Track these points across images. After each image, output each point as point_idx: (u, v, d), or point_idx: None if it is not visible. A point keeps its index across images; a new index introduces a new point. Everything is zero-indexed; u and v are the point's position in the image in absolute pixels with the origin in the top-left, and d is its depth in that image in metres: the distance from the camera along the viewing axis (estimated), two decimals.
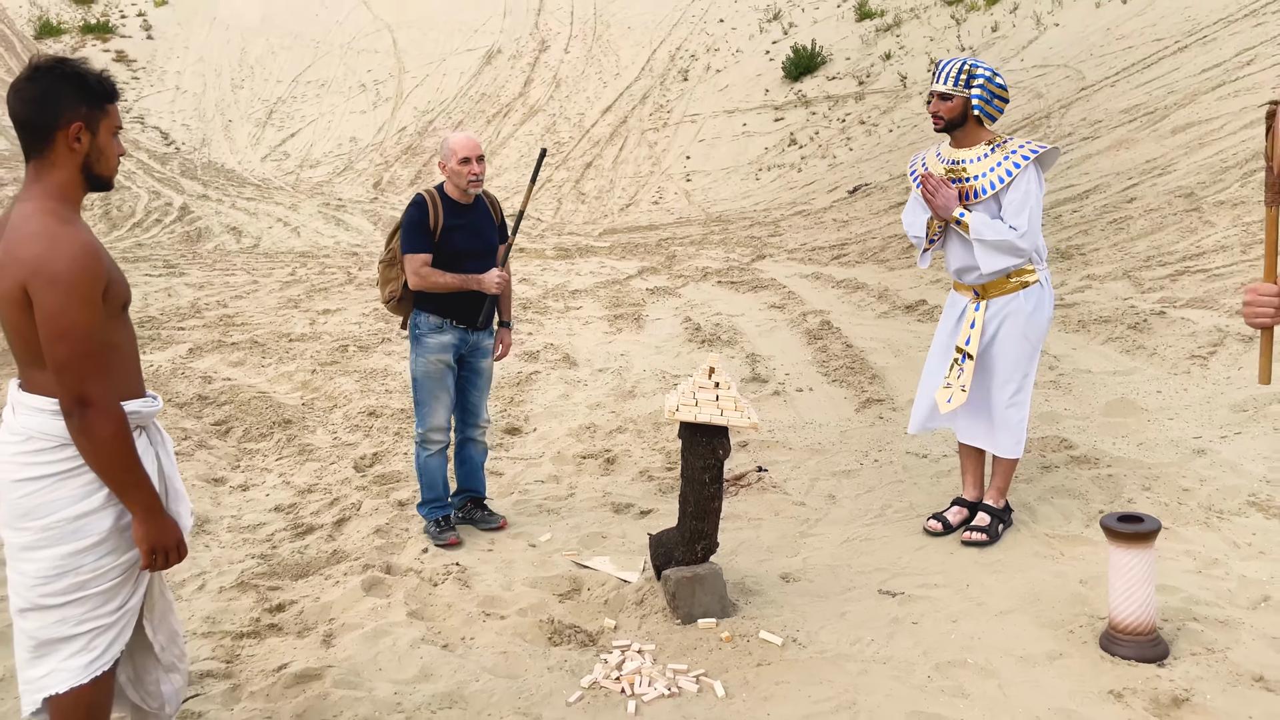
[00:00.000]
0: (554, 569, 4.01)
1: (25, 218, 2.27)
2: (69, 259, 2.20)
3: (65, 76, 2.32)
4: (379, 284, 4.43)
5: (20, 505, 2.31)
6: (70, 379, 2.20)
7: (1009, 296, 3.88)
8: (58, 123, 2.29)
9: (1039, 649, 3.23)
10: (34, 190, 2.31)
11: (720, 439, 3.49)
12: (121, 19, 30.02)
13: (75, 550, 2.31)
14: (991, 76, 3.94)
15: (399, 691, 3.13)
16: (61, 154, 2.31)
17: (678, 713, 2.98)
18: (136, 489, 2.31)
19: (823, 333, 7.36)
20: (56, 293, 2.18)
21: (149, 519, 2.33)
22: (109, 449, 2.25)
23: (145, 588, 2.49)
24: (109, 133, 2.38)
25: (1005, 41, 22.04)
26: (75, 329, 2.20)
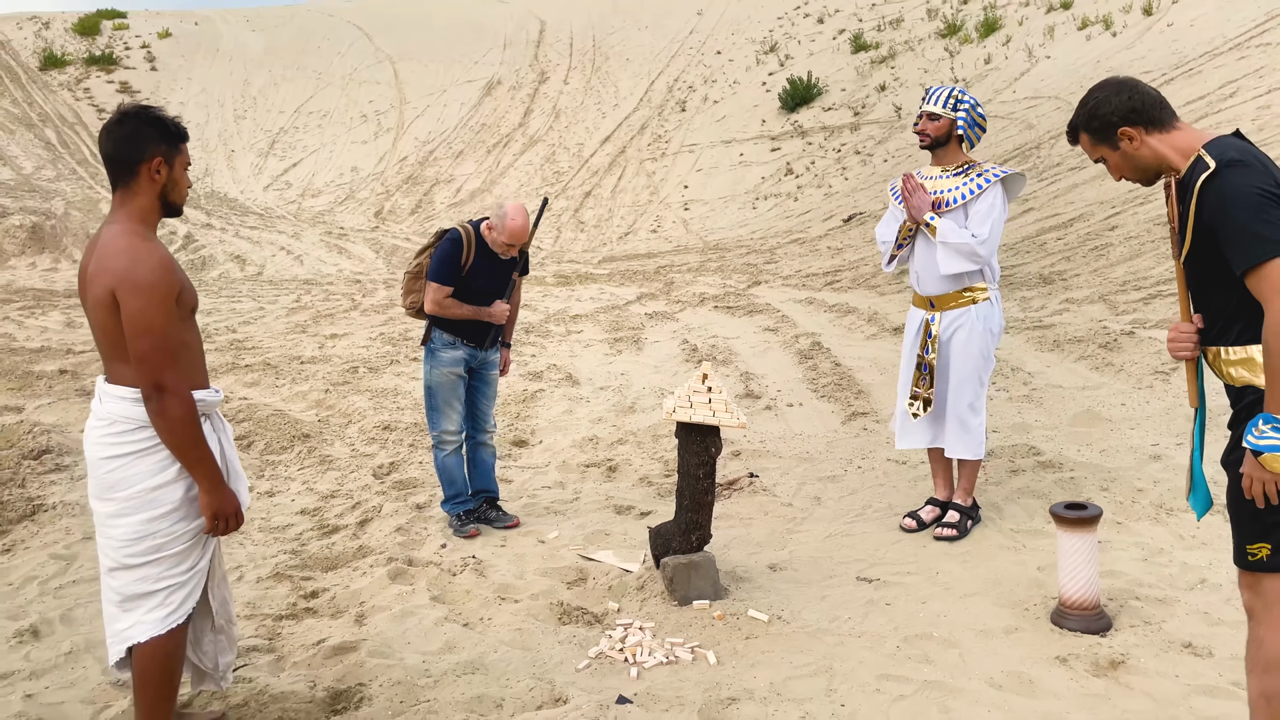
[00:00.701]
0: (562, 561, 4.45)
1: (113, 236, 2.74)
2: (149, 269, 2.67)
3: (148, 120, 2.80)
4: (403, 292, 4.92)
5: (106, 479, 2.77)
6: (149, 369, 2.66)
7: (961, 310, 4.36)
8: (142, 158, 2.77)
9: (997, 624, 3.67)
10: (120, 214, 2.79)
11: (713, 437, 3.94)
12: (126, 51, 30.76)
13: (153, 517, 2.76)
14: (975, 105, 4.46)
15: (426, 660, 3.56)
16: (143, 184, 2.79)
17: (675, 677, 3.42)
18: (202, 464, 2.77)
19: (813, 353, 7.84)
20: (139, 297, 2.65)
21: (213, 490, 2.79)
22: (180, 428, 2.71)
23: (211, 553, 2.94)
24: (181, 167, 2.87)
25: (998, 73, 22.72)
26: (154, 327, 2.66)
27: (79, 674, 3.52)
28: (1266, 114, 13.13)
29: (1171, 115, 2.62)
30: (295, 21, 34.95)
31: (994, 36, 24.72)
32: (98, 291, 2.66)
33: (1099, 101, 2.66)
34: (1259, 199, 2.36)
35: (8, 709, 3.27)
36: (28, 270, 18.95)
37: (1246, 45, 17.55)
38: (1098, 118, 2.65)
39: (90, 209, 21.79)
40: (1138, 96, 2.61)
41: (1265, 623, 2.50)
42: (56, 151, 25.35)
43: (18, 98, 27.77)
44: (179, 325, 2.74)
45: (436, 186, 24.62)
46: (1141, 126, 2.60)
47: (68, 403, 8.06)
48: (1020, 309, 8.52)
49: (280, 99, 28.99)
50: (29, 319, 13.30)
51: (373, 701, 3.29)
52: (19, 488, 5.64)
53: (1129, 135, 2.60)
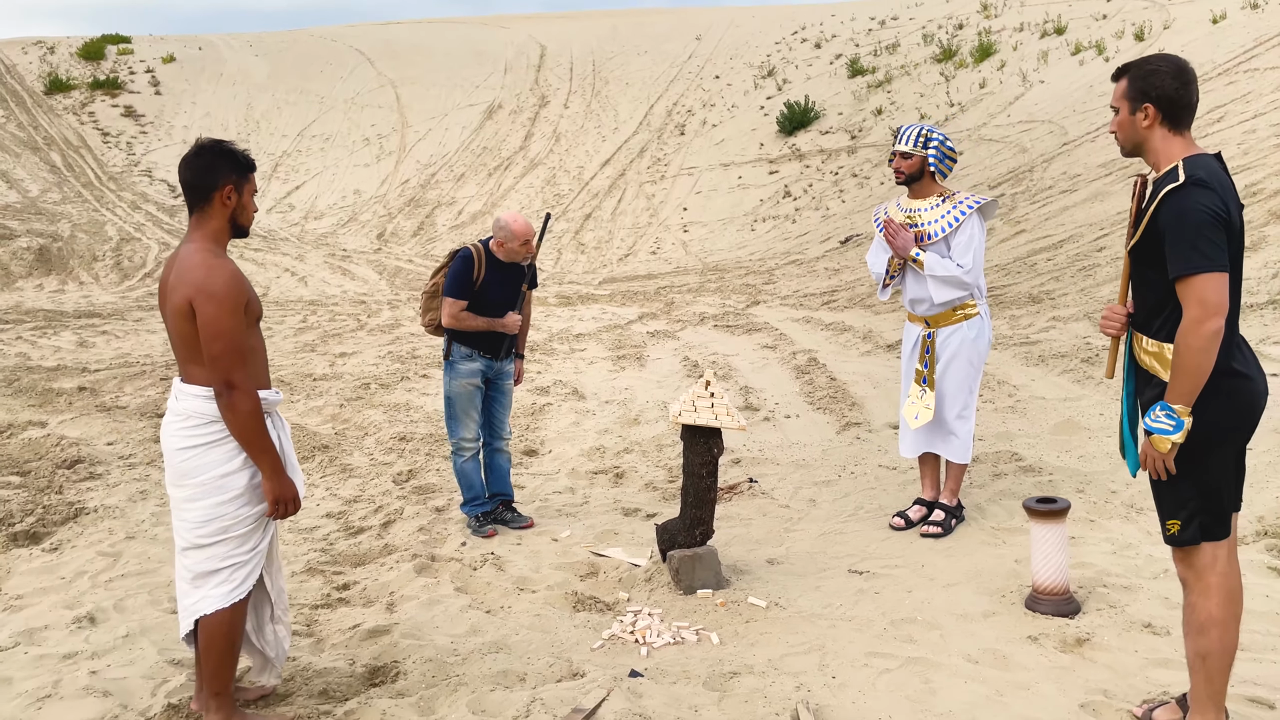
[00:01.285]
0: (575, 557, 4.83)
1: (190, 253, 3.15)
2: (222, 282, 3.08)
3: (221, 152, 3.22)
4: (421, 310, 5.33)
5: (181, 468, 3.16)
6: (221, 369, 3.06)
7: (954, 326, 4.77)
8: (215, 185, 3.18)
9: (976, 609, 4.05)
10: (196, 234, 3.19)
11: (715, 439, 4.33)
12: (130, 75, 31.33)
13: (221, 501, 3.15)
14: (944, 141, 4.88)
15: (454, 641, 3.93)
16: (216, 208, 3.20)
17: (681, 655, 3.79)
18: (265, 454, 3.15)
19: (810, 368, 8.24)
20: (213, 305, 3.05)
21: (274, 477, 3.17)
22: (247, 422, 3.11)
23: (271, 537, 3.32)
24: (249, 193, 3.28)
25: (993, 98, 23.27)
26: (225, 332, 3.06)
27: (137, 654, 3.89)
28: (1252, 138, 13.61)
29: (1188, 124, 2.88)
30: (298, 46, 35.59)
31: (989, 61, 25.30)
32: (177, 301, 3.06)
33: (1156, 72, 2.84)
34: (1208, 219, 2.73)
35: (75, 683, 3.64)
36: (35, 292, 19.34)
37: (1235, 70, 18.07)
38: (1144, 80, 2.85)
39: (96, 231, 22.21)
40: (1182, 93, 2.83)
41: (1196, 590, 2.89)
42: (62, 175, 25.83)
43: (23, 121, 28.30)
44: (246, 331, 3.14)
45: (438, 209, 25.09)
46: (1162, 114, 2.84)
47: (89, 418, 8.43)
48: (1010, 326, 8.93)
49: (283, 122, 29.54)
50: (42, 339, 13.68)
51: (407, 676, 3.66)
52: (57, 494, 6.01)
53: (1146, 112, 2.85)
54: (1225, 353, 2.76)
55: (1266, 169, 11.64)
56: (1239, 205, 2.87)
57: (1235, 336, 2.85)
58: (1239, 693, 3.26)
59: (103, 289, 19.45)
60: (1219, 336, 2.69)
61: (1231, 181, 2.90)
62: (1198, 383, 2.71)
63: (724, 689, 3.49)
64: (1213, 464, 2.82)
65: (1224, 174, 2.87)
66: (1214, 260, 2.70)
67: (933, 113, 23.65)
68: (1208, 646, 2.87)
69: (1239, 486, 2.96)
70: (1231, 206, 2.80)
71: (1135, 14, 24.37)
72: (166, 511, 5.67)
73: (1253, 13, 20.96)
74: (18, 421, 8.27)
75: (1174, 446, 2.77)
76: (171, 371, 10.46)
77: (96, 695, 3.54)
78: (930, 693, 3.40)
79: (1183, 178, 2.77)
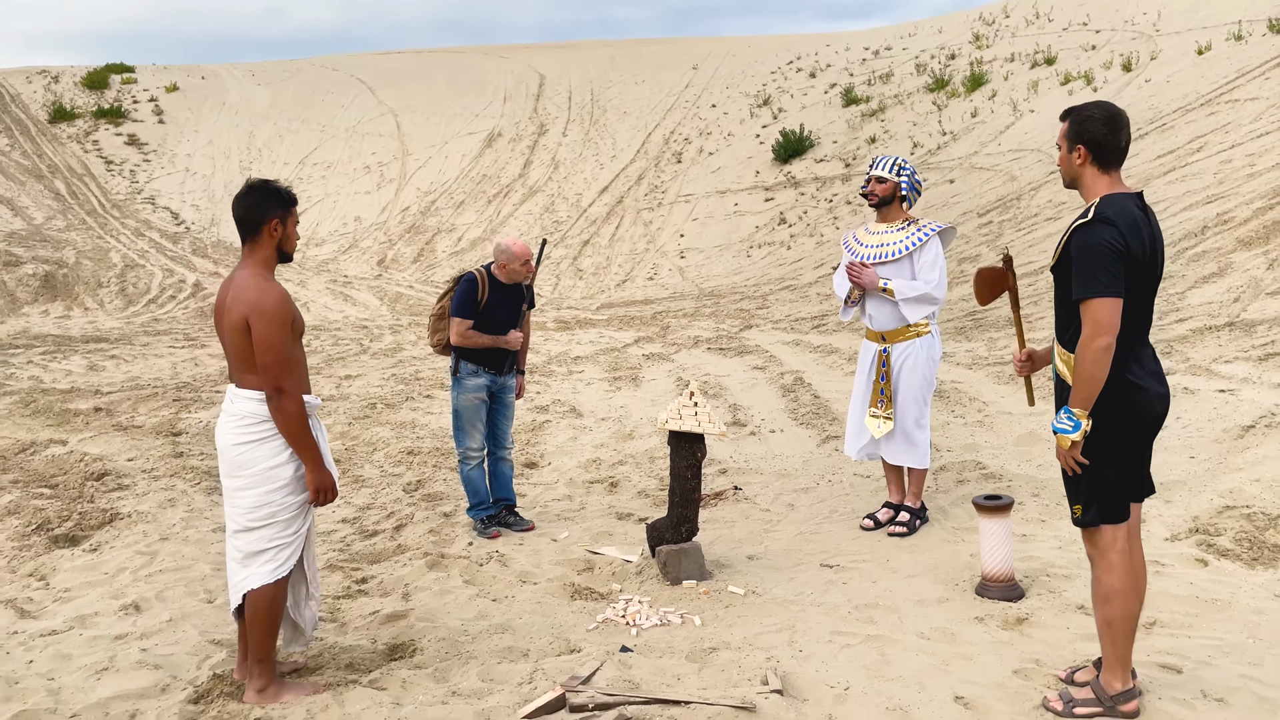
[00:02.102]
0: (572, 555, 5.36)
1: (245, 278, 3.71)
2: (273, 303, 3.64)
3: (268, 191, 3.80)
4: (430, 331, 5.90)
5: (235, 461, 3.71)
6: (271, 376, 3.61)
7: (907, 343, 5.33)
8: (264, 220, 3.75)
9: (931, 596, 4.57)
10: (249, 261, 3.76)
11: (699, 444, 4.88)
12: (134, 104, 32.11)
13: (270, 489, 3.69)
14: (914, 173, 5.47)
15: (464, 624, 4.46)
16: (265, 239, 3.77)
17: (667, 634, 4.31)
18: (308, 449, 3.70)
19: (795, 387, 8.80)
20: (265, 322, 3.61)
21: (316, 469, 3.72)
22: (293, 421, 3.65)
23: (310, 524, 3.86)
24: (292, 224, 3.85)
25: (984, 126, 23.99)
26: (275, 345, 3.62)
27: (181, 635, 4.41)
28: (1228, 168, 14.25)
29: (1118, 164, 3.35)
30: (300, 75, 36.44)
31: (980, 91, 26.05)
32: (234, 318, 3.62)
33: (1090, 118, 3.31)
34: (1108, 252, 3.24)
35: (129, 658, 4.15)
36: (41, 317, 19.91)
37: (1217, 101, 18.77)
38: (1079, 125, 3.34)
39: (100, 258, 22.82)
40: (1111, 138, 3.30)
41: (1100, 566, 3.42)
42: (66, 202, 26.50)
43: (28, 150, 29.01)
44: (291, 345, 3.69)
45: (438, 235, 25.74)
46: (1092, 155, 3.33)
47: (108, 436, 8.95)
48: (986, 349, 9.49)
49: (285, 151, 30.27)
50: (52, 363, 14.21)
51: (423, 651, 4.18)
52: (89, 502, 6.54)
53: (1080, 152, 3.34)
54: (1122, 365, 3.27)
55: (1239, 198, 12.25)
56: (1152, 240, 3.32)
57: (1137, 351, 3.34)
58: (1154, 660, 3.78)
59: (108, 315, 20.02)
60: (1109, 352, 3.20)
61: (1147, 218, 3.35)
62: (1093, 391, 3.24)
63: (703, 661, 4.00)
64: (1109, 459, 3.34)
65: (1137, 212, 3.32)
66: (1109, 287, 3.20)
67: (925, 141, 24.36)
68: (1111, 614, 3.40)
69: (1139, 479, 3.48)
70: (1133, 241, 3.24)
71: (1123, 45, 25.17)
72: (196, 516, 6.22)
73: (1237, 44, 21.71)
74: (40, 440, 8.80)
75: (1075, 444, 3.31)
76: (183, 394, 11.03)
77: (149, 668, 4.06)
78: (885, 663, 3.92)
79: (1091, 215, 3.29)
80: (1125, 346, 3.27)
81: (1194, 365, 7.33)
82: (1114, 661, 3.44)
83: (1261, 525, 4.94)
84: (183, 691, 3.88)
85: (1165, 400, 3.43)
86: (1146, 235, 3.30)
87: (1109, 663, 3.45)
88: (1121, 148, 3.34)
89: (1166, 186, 14.78)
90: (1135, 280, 3.28)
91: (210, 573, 5.20)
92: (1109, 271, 3.19)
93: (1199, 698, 3.50)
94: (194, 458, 7.78)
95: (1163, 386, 3.42)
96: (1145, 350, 3.41)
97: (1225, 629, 4.05)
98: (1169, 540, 4.97)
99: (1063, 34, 28.17)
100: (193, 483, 6.92)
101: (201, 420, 9.42)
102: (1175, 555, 4.78)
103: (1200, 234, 11.34)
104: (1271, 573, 4.55)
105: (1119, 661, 3.43)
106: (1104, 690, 3.42)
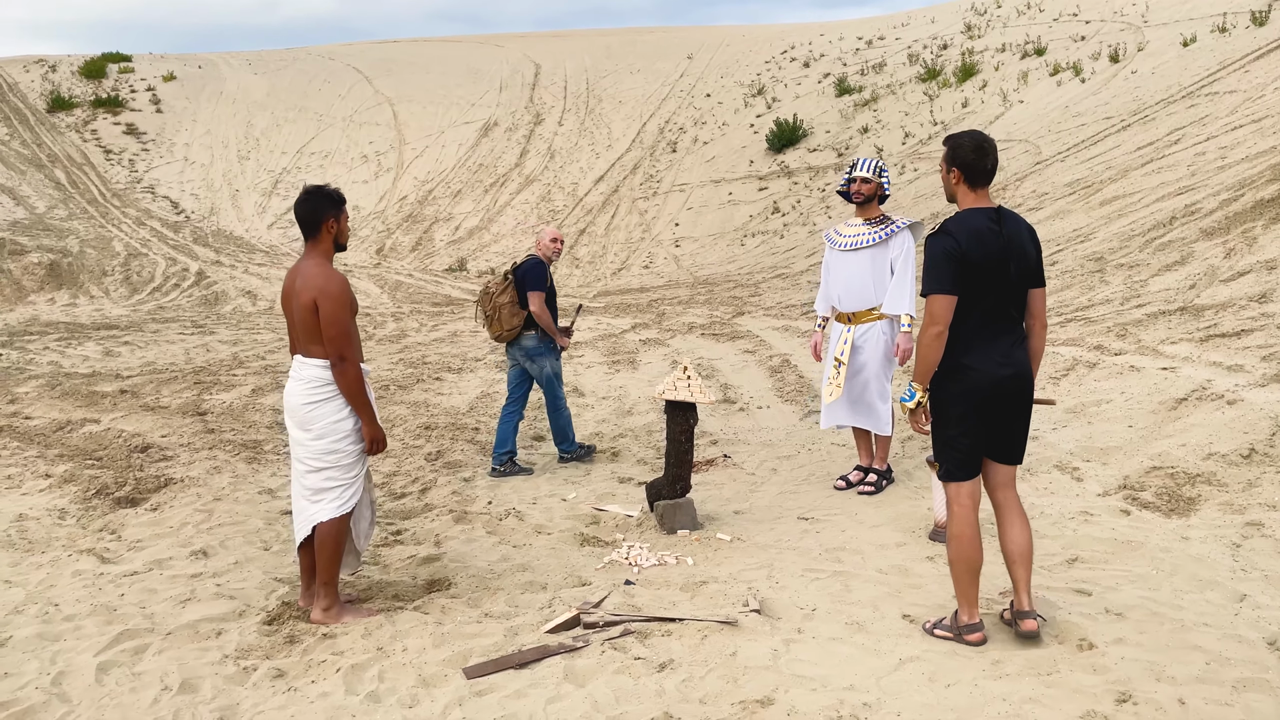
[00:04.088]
0: (580, 511, 6.19)
1: (311, 266, 4.53)
2: (337, 286, 4.45)
3: (322, 195, 4.60)
4: (487, 323, 7.04)
5: (305, 417, 4.53)
6: (336, 347, 4.43)
7: (871, 324, 6.15)
8: (322, 219, 4.56)
9: (891, 541, 5.41)
10: (312, 254, 4.57)
11: (691, 412, 5.70)
12: (132, 93, 32.77)
13: (335, 439, 4.52)
14: (885, 171, 6.28)
15: (490, 565, 5.29)
16: (324, 235, 4.58)
17: (664, 572, 5.14)
18: (365, 408, 4.53)
19: (782, 368, 9.63)
20: (330, 302, 4.43)
21: (370, 424, 4.55)
22: (353, 384, 4.48)
23: (366, 468, 4.69)
24: (344, 220, 4.66)
25: (974, 116, 24.77)
26: (339, 321, 4.43)
27: (248, 574, 5.23)
28: (1200, 160, 15.08)
29: (985, 183, 4.07)
30: (297, 65, 37.10)
31: (971, 81, 26.83)
32: (304, 300, 4.44)
33: (961, 145, 3.97)
34: (943, 258, 3.92)
35: (207, 591, 4.98)
36: (48, 305, 20.65)
37: (1197, 94, 19.58)
38: (953, 150, 4.06)
39: (104, 247, 23.54)
40: (977, 163, 4.00)
41: (949, 512, 4.20)
42: (67, 191, 27.19)
43: (27, 139, 29.67)
44: (351, 321, 4.51)
45: (436, 225, 26.50)
46: (963, 175, 4.06)
47: (138, 415, 9.74)
48: None
49: (283, 140, 30.97)
50: (69, 349, 14.98)
51: (457, 585, 5.01)
52: (139, 471, 7.34)
53: (955, 174, 4.08)
54: (961, 349, 3.96)
55: (1207, 190, 13.09)
56: (1004, 249, 3.93)
57: (978, 338, 3.96)
58: (1069, 587, 4.62)
59: (113, 303, 20.77)
60: (941, 339, 3.94)
61: (1000, 229, 3.95)
62: (926, 369, 4.00)
63: (695, 591, 4.83)
64: (951, 425, 4.06)
65: (987, 224, 3.94)
66: (943, 286, 3.91)
67: (916, 131, 25.17)
68: (951, 556, 4.13)
69: (993, 444, 4.11)
70: (971, 249, 3.89)
71: (1112, 36, 25.97)
72: (241, 481, 7.03)
73: (1221, 36, 22.52)
74: (74, 419, 9.59)
75: (913, 411, 4.06)
76: (202, 377, 11.81)
77: (225, 598, 4.88)
78: (847, 591, 4.76)
79: (938, 227, 4.04)
80: (965, 334, 3.95)
81: (1143, 346, 8.16)
82: (960, 596, 4.14)
83: (1181, 482, 5.79)
84: (257, 616, 4.71)
85: (1000, 380, 3.99)
86: (993, 244, 3.93)
87: (957, 597, 4.18)
88: (987, 170, 4.03)
89: (1143, 178, 15.61)
90: (978, 281, 3.92)
91: (263, 526, 6.01)
92: (945, 273, 3.90)
93: (1102, 613, 4.34)
94: (226, 433, 8.58)
95: (1003, 369, 3.99)
96: (995, 339, 3.99)
97: (1134, 564, 4.89)
98: (1100, 495, 5.81)
99: (1053, 24, 28.96)
100: (232, 454, 7.73)
101: (224, 401, 10.20)
102: (1103, 507, 5.63)
103: (1168, 224, 12.17)
104: (1183, 520, 5.39)
105: (963, 597, 4.12)
106: (956, 622, 4.19)
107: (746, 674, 3.88)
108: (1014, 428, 4.13)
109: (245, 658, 4.29)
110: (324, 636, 4.45)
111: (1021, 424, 4.15)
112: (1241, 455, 5.88)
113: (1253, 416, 6.22)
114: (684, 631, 4.32)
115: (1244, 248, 10.00)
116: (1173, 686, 3.64)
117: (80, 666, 4.23)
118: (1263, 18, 21.80)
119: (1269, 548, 4.91)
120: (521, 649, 4.20)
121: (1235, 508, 5.40)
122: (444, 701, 3.82)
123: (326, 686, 4.00)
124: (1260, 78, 18.63)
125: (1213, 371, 7.18)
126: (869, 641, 4.15)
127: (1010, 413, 4.08)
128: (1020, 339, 4.09)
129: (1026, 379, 4.09)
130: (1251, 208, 10.97)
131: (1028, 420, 4.19)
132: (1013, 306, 4.05)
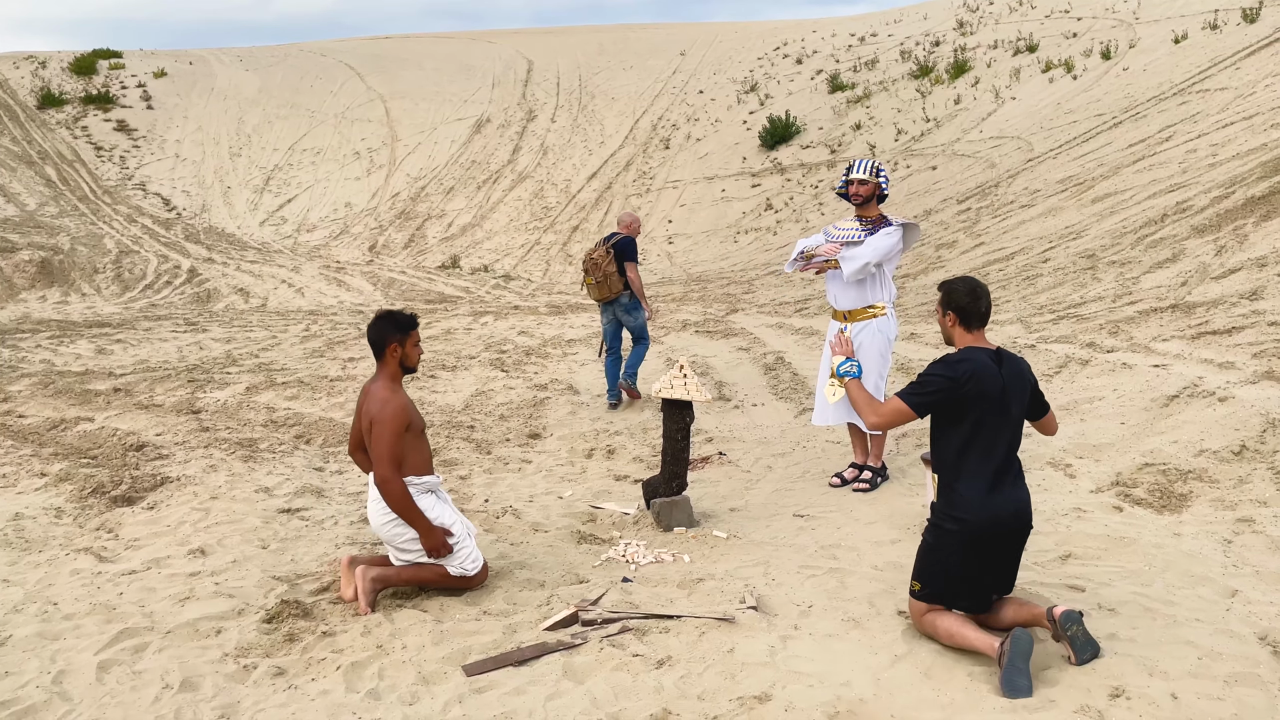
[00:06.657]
0: (577, 509, 6.22)
1: (376, 390, 4.78)
2: (390, 413, 4.66)
3: (389, 320, 4.81)
4: (607, 283, 8.65)
5: (388, 535, 4.85)
6: (380, 468, 4.65)
7: (866, 322, 6.20)
8: (386, 344, 4.73)
9: (886, 538, 5.45)
10: (380, 375, 4.81)
11: (687, 410, 5.74)
12: (122, 90, 32.66)
13: (406, 539, 4.74)
14: (887, 174, 6.33)
15: (489, 562, 5.31)
16: (389, 358, 4.79)
17: (661, 569, 5.18)
18: (416, 520, 4.72)
19: (776, 365, 9.67)
20: (381, 427, 4.65)
21: (425, 535, 4.74)
22: (396, 501, 4.68)
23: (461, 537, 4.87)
24: (412, 344, 4.84)
25: (966, 113, 24.85)
26: (386, 445, 4.64)
27: (246, 573, 5.26)
28: (1192, 157, 15.16)
29: (980, 326, 4.20)
30: (288, 61, 37.01)
31: (964, 78, 26.90)
32: (365, 423, 4.71)
33: (955, 290, 4.20)
34: (943, 381, 4.03)
35: (206, 589, 5.00)
36: (39, 303, 20.61)
37: (1189, 91, 19.67)
38: (947, 296, 4.25)
39: (95, 244, 23.49)
40: (971, 306, 4.17)
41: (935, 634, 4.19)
42: (58, 189, 27.11)
43: (17, 135, 29.57)
44: (403, 444, 4.69)
45: (428, 221, 26.48)
46: (958, 318, 4.24)
47: (132, 414, 9.74)
48: None
49: (274, 136, 30.92)
50: (61, 347, 14.96)
51: None
52: (136, 470, 7.35)
53: (951, 317, 4.26)
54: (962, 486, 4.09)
55: (1198, 187, 13.17)
56: (1002, 388, 4.05)
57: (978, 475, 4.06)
58: (1063, 582, 4.67)
59: (105, 300, 20.73)
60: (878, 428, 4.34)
61: (999, 369, 4.08)
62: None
63: (692, 588, 4.87)
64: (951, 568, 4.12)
65: (989, 363, 4.08)
66: (915, 398, 4.10)
67: (909, 128, 25.22)
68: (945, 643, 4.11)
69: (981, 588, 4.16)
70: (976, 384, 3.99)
71: (1104, 33, 26.06)
72: (238, 479, 7.05)
73: (1212, 33, 22.62)
74: (68, 418, 9.58)
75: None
76: (195, 375, 11.80)
77: (224, 596, 4.91)
78: (842, 588, 4.80)
79: (951, 356, 4.18)
80: (965, 470, 4.10)
81: (1135, 343, 8.23)
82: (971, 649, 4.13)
83: (1173, 479, 5.85)
84: (256, 614, 4.73)
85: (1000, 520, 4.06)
86: (995, 385, 4.05)
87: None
88: (982, 312, 4.21)
89: (1134, 175, 15.70)
90: (978, 414, 4.05)
91: (260, 525, 6.03)
92: (928, 392, 4.08)
93: (1095, 609, 4.39)
94: (221, 431, 8.59)
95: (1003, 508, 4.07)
96: (995, 476, 4.07)
97: (1127, 559, 4.95)
98: (1093, 492, 5.87)
99: (1045, 21, 29.04)
100: (228, 452, 7.74)
101: (218, 399, 10.20)
102: (1096, 504, 5.68)
103: (1160, 221, 12.25)
104: (1175, 516, 5.45)
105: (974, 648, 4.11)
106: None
107: (744, 670, 3.92)
108: (1010, 565, 4.21)
109: (245, 656, 4.32)
110: (324, 635, 4.48)
111: (1016, 561, 4.23)
112: (1233, 452, 5.94)
113: (1244, 413, 6.29)
114: (681, 628, 4.36)
115: (1235, 245, 10.07)
116: (1165, 681, 3.70)
117: (81, 665, 4.26)
118: (1254, 15, 21.90)
119: (1260, 544, 4.97)
120: (520, 646, 4.24)
121: (1227, 504, 5.46)
122: (444, 699, 3.86)
123: (327, 684, 4.03)
124: (1251, 75, 18.73)
125: (1204, 369, 7.24)
126: (865, 638, 4.20)
127: (1008, 551, 4.16)
128: (1018, 474, 4.20)
129: (1026, 517, 4.16)
130: (1243, 205, 11.05)
131: (1019, 556, 4.25)
132: (1012, 443, 4.17)
